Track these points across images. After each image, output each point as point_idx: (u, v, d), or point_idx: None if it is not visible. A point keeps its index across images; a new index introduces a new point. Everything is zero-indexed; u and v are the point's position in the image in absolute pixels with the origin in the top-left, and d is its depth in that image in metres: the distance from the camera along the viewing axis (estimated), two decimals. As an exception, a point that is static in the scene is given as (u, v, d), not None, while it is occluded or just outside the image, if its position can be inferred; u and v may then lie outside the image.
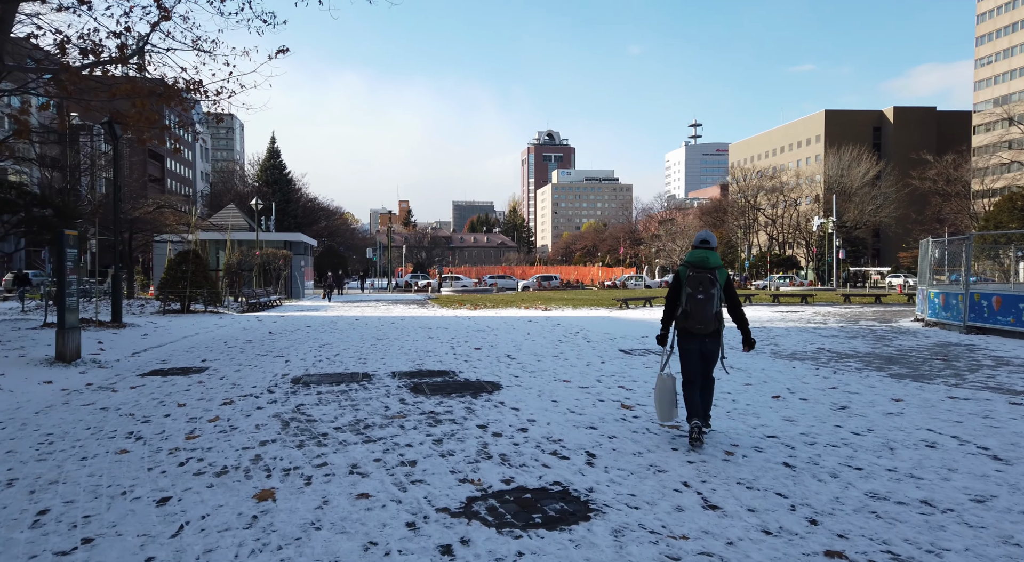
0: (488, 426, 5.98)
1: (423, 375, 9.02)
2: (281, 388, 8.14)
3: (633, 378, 8.68)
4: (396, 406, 6.92)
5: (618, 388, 7.94)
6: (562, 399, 7.23)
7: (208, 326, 17.70)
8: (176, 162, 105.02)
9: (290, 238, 38.55)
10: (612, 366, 9.77)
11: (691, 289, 5.35)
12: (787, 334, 14.26)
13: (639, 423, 6.10)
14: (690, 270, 5.41)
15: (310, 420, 6.33)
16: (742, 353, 10.49)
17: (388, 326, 17.50)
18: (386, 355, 11.27)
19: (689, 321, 5.37)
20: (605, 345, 12.42)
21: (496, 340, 13.53)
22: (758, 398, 7.24)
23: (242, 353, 11.83)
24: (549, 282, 56.39)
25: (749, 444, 5.34)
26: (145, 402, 7.40)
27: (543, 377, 8.80)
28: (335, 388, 8.07)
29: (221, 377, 9.13)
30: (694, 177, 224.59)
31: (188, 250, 23.72)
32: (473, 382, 8.40)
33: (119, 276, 15.92)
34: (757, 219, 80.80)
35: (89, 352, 11.40)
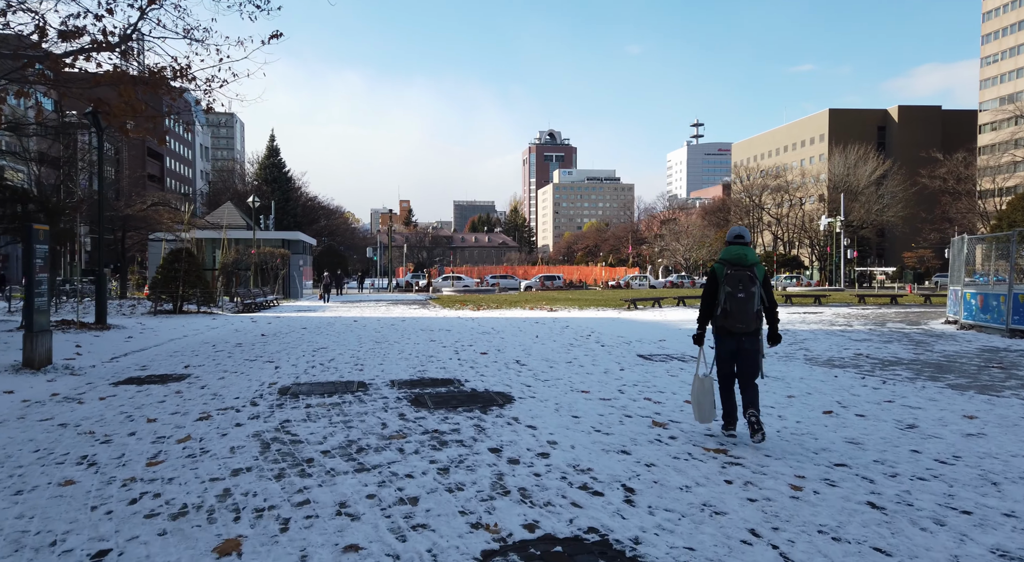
0: (502, 450, 5.10)
1: (425, 384, 8.15)
2: (266, 400, 7.28)
3: (659, 388, 7.81)
4: (395, 423, 6.05)
5: (644, 400, 7.07)
6: (583, 414, 6.36)
7: (199, 328, 16.84)
8: (176, 161, 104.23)
9: (288, 237, 37.70)
10: (633, 374, 8.90)
11: (730, 287, 5.18)
12: (814, 337, 13.39)
13: (678, 446, 5.22)
14: (727, 268, 5.24)
15: (295, 440, 5.46)
16: (779, 363, 9.63)
17: (388, 328, 16.64)
18: (385, 361, 10.41)
19: (729, 320, 5.21)
20: (621, 350, 11.54)
21: (503, 344, 12.65)
22: (807, 414, 6.36)
23: (229, 358, 10.97)
24: (552, 282, 55.49)
25: (816, 474, 4.47)
26: (111, 417, 6.53)
27: (558, 387, 7.93)
28: (327, 400, 7.20)
29: (202, 386, 8.26)
30: (696, 177, 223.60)
31: (181, 248, 22.86)
32: (481, 393, 7.53)
33: (103, 275, 15.06)
34: (762, 218, 79.90)
35: (63, 357, 10.54)
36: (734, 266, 5.23)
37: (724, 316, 5.24)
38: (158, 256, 29.24)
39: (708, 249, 75.94)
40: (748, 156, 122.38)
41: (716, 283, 5.34)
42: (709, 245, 76.21)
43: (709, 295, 5.41)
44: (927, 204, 74.20)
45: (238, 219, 40.68)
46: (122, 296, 31.69)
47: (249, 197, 36.79)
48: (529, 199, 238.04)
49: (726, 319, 5.23)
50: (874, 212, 68.95)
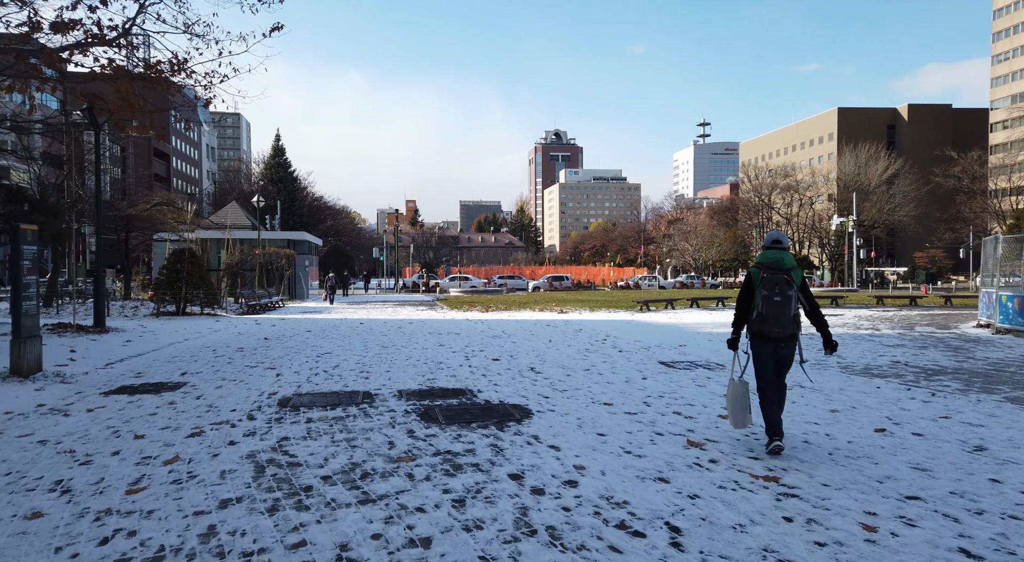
0: (524, 476, 4.55)
1: (435, 395, 7.60)
2: (265, 413, 6.75)
3: (688, 400, 7.23)
4: (403, 442, 5.50)
5: (674, 415, 6.50)
6: (610, 432, 5.80)
7: (201, 330, 16.36)
8: (182, 161, 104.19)
9: (294, 237, 37.26)
10: (657, 383, 8.33)
11: (766, 291, 5.14)
12: (843, 342, 12.78)
13: (721, 471, 4.65)
14: (764, 271, 5.20)
15: (293, 463, 4.92)
16: (813, 371, 9.04)
17: (395, 331, 16.11)
18: (392, 367, 9.87)
19: (765, 325, 5.15)
20: (640, 356, 10.96)
21: (515, 349, 12.10)
22: (857, 432, 5.78)
23: (229, 364, 10.45)
24: (560, 282, 54.89)
25: (888, 510, 3.89)
26: (96, 432, 6.02)
27: (578, 398, 7.37)
28: (329, 414, 6.66)
29: (198, 396, 7.74)
30: (703, 176, 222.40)
31: (184, 249, 22.41)
32: (496, 406, 6.97)
33: (102, 276, 14.59)
34: (771, 218, 79.03)
35: (55, 363, 10.05)
36: (771, 270, 5.18)
37: (760, 320, 5.17)
38: (162, 257, 28.82)
39: (717, 249, 75.16)
40: (756, 155, 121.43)
41: (752, 287, 5.29)
42: (718, 245, 75.43)
43: (744, 299, 5.35)
44: (939, 203, 73.17)
45: (243, 219, 40.26)
46: (126, 297, 31.31)
47: (254, 197, 36.34)
48: (535, 199, 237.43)
49: (762, 323, 5.17)
50: (885, 211, 67.98)
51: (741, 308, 5.38)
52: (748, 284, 5.35)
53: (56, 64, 13.65)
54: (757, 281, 5.22)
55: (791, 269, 5.19)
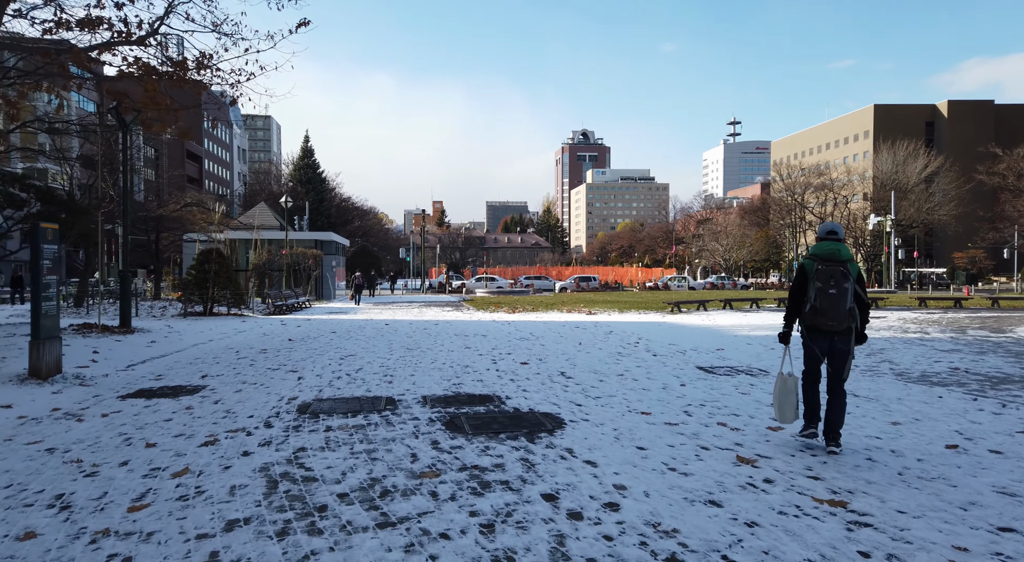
0: (559, 497, 4.11)
1: (461, 402, 7.21)
2: (283, 420, 6.42)
3: (732, 409, 6.73)
4: (427, 454, 5.11)
5: (718, 426, 6.01)
6: (650, 445, 5.34)
7: (226, 331, 16.24)
8: (214, 163, 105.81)
9: (321, 237, 37.32)
10: (697, 391, 7.82)
11: (821, 283, 5.04)
12: (892, 347, 12.08)
13: (779, 494, 4.17)
14: (819, 263, 5.10)
15: (308, 478, 4.55)
16: (865, 378, 8.46)
17: (420, 332, 15.79)
18: (416, 371, 9.51)
19: (819, 318, 5.06)
20: (676, 360, 10.44)
21: (544, 352, 11.66)
22: (926, 448, 5.23)
23: (251, 366, 10.20)
24: (588, 283, 54.27)
25: (981, 545, 3.37)
26: (108, 440, 5.74)
27: (613, 407, 6.91)
28: (350, 421, 6.31)
29: (216, 401, 7.47)
30: (733, 176, 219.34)
31: (211, 249, 22.42)
32: (526, 414, 6.55)
33: (128, 276, 14.53)
34: (804, 218, 77.32)
35: (76, 365, 9.89)
36: (826, 262, 5.08)
37: (814, 313, 5.08)
38: (192, 257, 29.02)
39: (749, 249, 73.75)
40: (788, 154, 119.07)
41: (805, 279, 5.18)
42: (750, 245, 74.01)
43: (797, 292, 5.25)
44: (981, 202, 70.79)
45: (271, 220, 40.48)
46: (156, 297, 31.61)
47: (283, 198, 36.47)
48: (562, 199, 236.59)
49: (816, 316, 5.07)
50: (924, 211, 65.97)
51: (794, 301, 5.26)
52: (801, 276, 5.23)
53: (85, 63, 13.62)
54: (811, 273, 5.11)
55: (847, 261, 5.05)
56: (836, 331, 5.08)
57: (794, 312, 5.32)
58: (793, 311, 5.31)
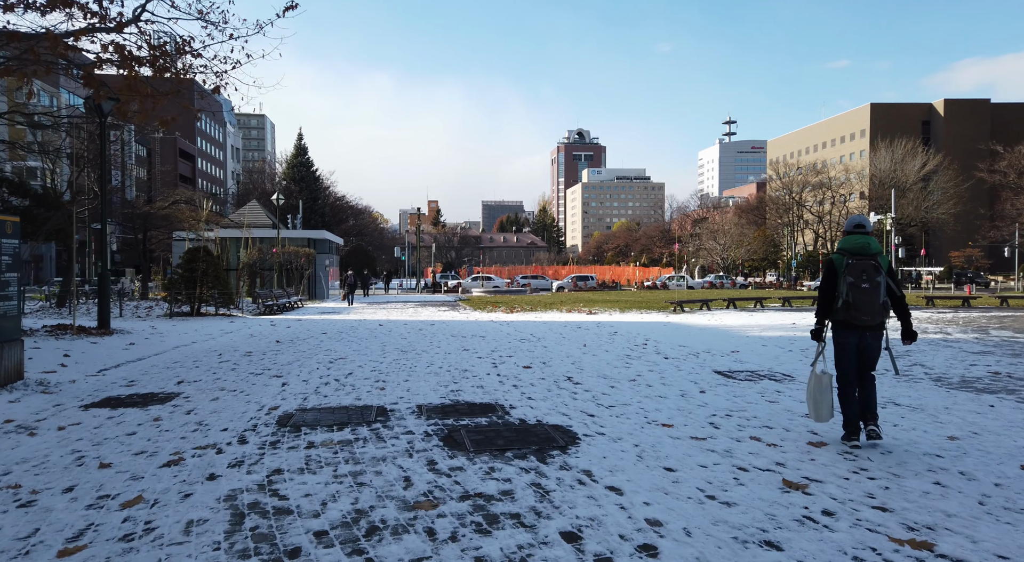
0: (582, 537, 3.41)
1: (460, 412, 6.50)
2: (260, 434, 5.70)
3: (763, 421, 6.03)
4: (422, 478, 4.40)
5: (752, 441, 5.32)
6: (680, 466, 4.64)
7: (212, 332, 15.50)
8: (207, 162, 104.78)
9: (314, 236, 36.50)
10: (718, 398, 7.13)
11: (853, 278, 4.96)
12: (918, 349, 11.40)
13: (846, 530, 3.47)
14: (848, 258, 5.02)
15: (281, 510, 3.84)
16: (902, 383, 7.78)
17: (415, 334, 15.07)
18: (411, 376, 8.80)
19: (851, 313, 4.98)
20: (690, 364, 9.75)
21: (548, 355, 10.96)
22: (998, 469, 4.54)
23: (233, 370, 9.47)
24: (585, 282, 53.58)
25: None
26: (57, 459, 5.01)
27: (630, 418, 6.21)
28: (335, 436, 5.59)
29: (189, 411, 6.74)
30: (728, 175, 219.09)
31: (198, 247, 21.64)
32: (533, 427, 5.84)
33: (107, 274, 13.76)
34: (802, 216, 76.84)
35: (42, 369, 9.14)
36: (856, 256, 5.00)
37: (846, 309, 4.99)
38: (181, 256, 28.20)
39: (747, 248, 73.22)
40: (784, 153, 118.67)
41: (835, 274, 5.11)
42: (747, 244, 73.48)
43: (828, 287, 5.16)
44: (979, 201, 70.47)
45: (263, 218, 39.65)
46: (143, 297, 30.78)
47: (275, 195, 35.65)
48: (558, 199, 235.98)
49: (848, 312, 4.99)
50: (923, 209, 65.55)
51: (825, 297, 5.17)
52: (831, 272, 5.14)
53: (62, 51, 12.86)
54: (841, 268, 5.03)
55: (877, 254, 4.98)
56: (869, 326, 4.99)
57: (825, 308, 5.20)
58: (824, 307, 5.20)
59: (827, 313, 5.21)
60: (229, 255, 30.16)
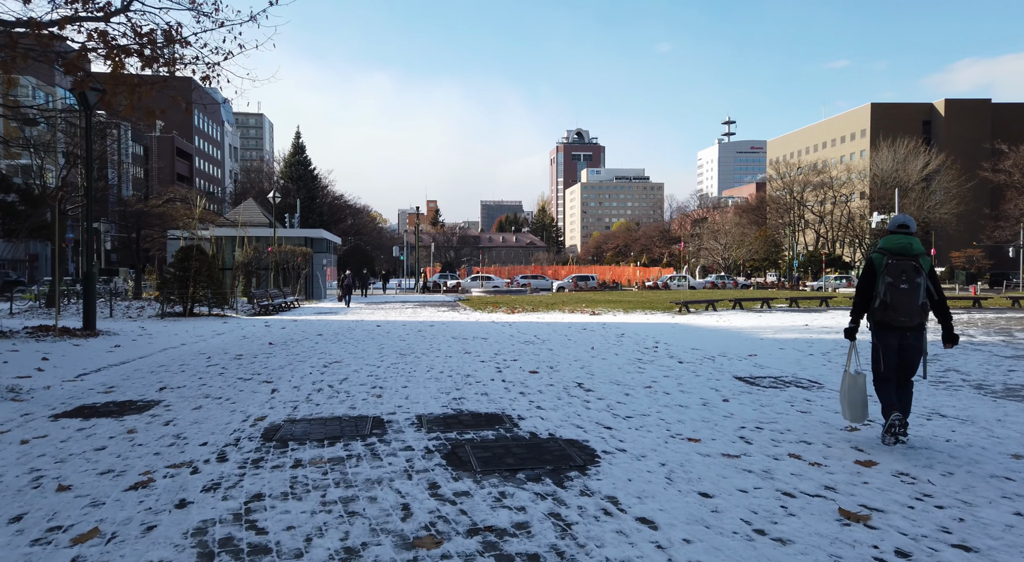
0: (616, 586, 2.84)
1: (464, 424, 5.93)
2: (242, 450, 5.13)
3: (798, 434, 5.47)
4: (423, 506, 3.83)
5: (791, 459, 4.75)
6: (716, 491, 4.08)
7: (203, 333, 14.93)
8: (205, 161, 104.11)
9: (311, 234, 35.93)
10: (744, 408, 6.57)
11: (892, 278, 4.91)
12: (946, 352, 10.86)
13: (929, 578, 2.91)
14: (889, 257, 4.98)
15: (258, 548, 3.27)
16: (941, 391, 7.23)
17: (414, 335, 14.51)
18: (410, 382, 8.23)
19: (889, 313, 4.92)
20: (707, 369, 9.18)
21: (554, 358, 10.39)
22: (1081, 495, 3.99)
23: (221, 375, 8.90)
24: (586, 282, 53.02)
25: None
26: (12, 479, 4.45)
27: (651, 430, 5.64)
28: (325, 452, 5.02)
29: (168, 421, 6.17)
30: (727, 175, 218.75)
31: (192, 245, 21.06)
32: (545, 442, 5.28)
33: (92, 274, 13.19)
34: (803, 216, 76.32)
35: (16, 375, 8.57)
36: (897, 256, 4.95)
37: (883, 309, 4.94)
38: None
39: (748, 248, 72.69)
40: (784, 153, 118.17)
41: (874, 274, 5.06)
42: (749, 244, 72.96)
43: (865, 287, 5.12)
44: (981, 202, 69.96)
45: (260, 217, 39.07)
46: (137, 297, 30.19)
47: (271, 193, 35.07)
48: (556, 199, 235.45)
49: (886, 312, 4.93)
50: (926, 209, 65.02)
51: (861, 296, 5.14)
52: (870, 271, 5.09)
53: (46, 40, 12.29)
54: (880, 267, 4.98)
55: (919, 255, 4.92)
56: (908, 327, 4.92)
57: (861, 308, 5.14)
58: (860, 307, 5.14)
59: (862, 312, 5.15)
60: (225, 254, 29.58)
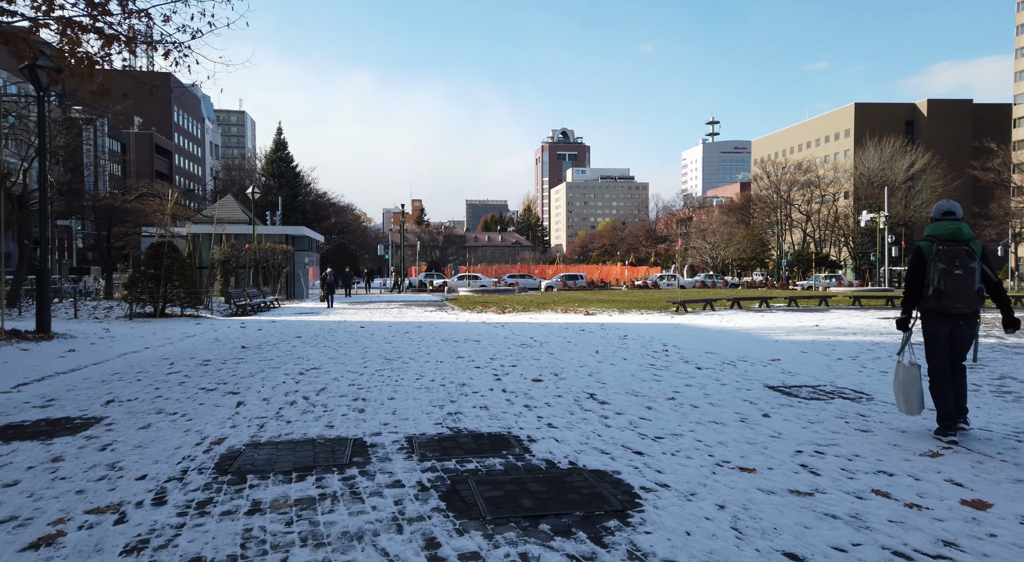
0: None
1: (464, 448, 4.92)
2: (189, 485, 4.09)
3: (873, 463, 4.51)
4: (420, 579, 2.82)
5: (881, 498, 3.80)
6: (806, 550, 3.10)
7: (172, 336, 13.79)
8: (185, 158, 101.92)
9: (292, 232, 34.69)
10: (790, 425, 5.61)
11: (944, 264, 4.76)
12: (989, 357, 9.93)
13: None
14: (939, 244, 4.84)
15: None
16: (1011, 404, 6.34)
17: (400, 337, 13.46)
18: (397, 392, 7.21)
19: (943, 300, 4.76)
20: (731, 376, 8.23)
21: (556, 363, 9.40)
22: None
23: (181, 385, 7.81)
24: (575, 282, 52.12)
25: None
26: None
27: (691, 457, 4.66)
28: (292, 491, 3.99)
29: (105, 445, 5.11)
30: (712, 175, 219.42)
31: (163, 242, 19.82)
32: (567, 474, 4.27)
33: (47, 272, 12.01)
34: (790, 215, 76.05)
35: (-61, 386, 7.43)
36: (946, 242, 4.84)
37: (937, 296, 4.80)
38: (147, 252, 26.23)
39: (736, 247, 72.26)
40: (769, 153, 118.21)
41: (924, 262, 4.95)
42: (736, 244, 72.54)
43: (915, 275, 5.01)
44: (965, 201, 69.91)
45: (239, 214, 37.72)
46: (107, 296, 28.80)
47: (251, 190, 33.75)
48: (542, 198, 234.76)
49: (939, 299, 4.80)
50: (912, 208, 64.96)
51: (912, 285, 5.01)
52: (919, 259, 4.97)
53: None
54: (930, 255, 4.86)
55: (970, 240, 4.83)
56: (963, 314, 4.80)
57: (913, 297, 5.03)
58: (912, 296, 5.03)
59: (914, 302, 5.04)
60: (202, 252, 28.29)
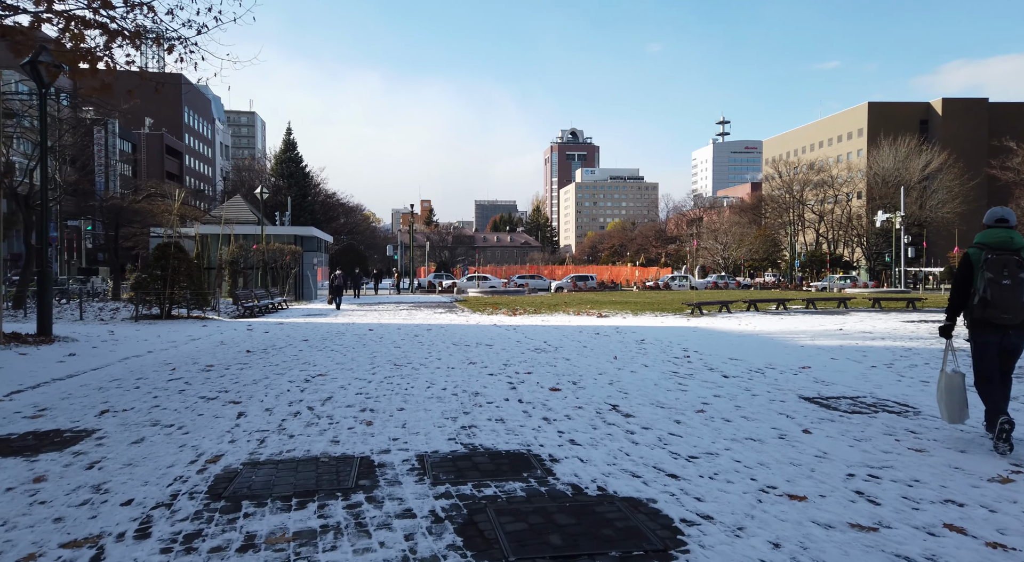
0: None
1: (481, 470, 4.49)
2: (179, 512, 3.69)
3: (936, 489, 4.05)
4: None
5: (955, 534, 3.35)
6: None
7: (177, 339, 13.46)
8: (195, 159, 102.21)
9: (301, 232, 34.40)
10: (835, 443, 5.15)
11: (992, 273, 4.66)
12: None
13: None
14: (988, 252, 4.73)
15: None
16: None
17: (410, 341, 13.06)
18: (407, 402, 6.80)
19: (990, 310, 4.66)
20: (761, 385, 7.76)
21: (573, 370, 8.96)
22: None
23: (181, 393, 7.44)
24: (585, 282, 51.62)
25: None
26: None
27: (732, 480, 4.22)
28: (290, 522, 3.57)
29: (93, 463, 4.73)
30: (722, 175, 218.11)
31: (169, 242, 19.55)
32: (596, 503, 3.83)
33: (47, 273, 11.69)
34: (803, 215, 75.21)
35: (-73, 394, 7.09)
36: (997, 250, 4.71)
37: (983, 306, 4.68)
38: (155, 253, 26.02)
39: (748, 248, 71.51)
40: (780, 153, 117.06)
41: (971, 270, 4.85)
42: (748, 244, 71.79)
43: (962, 283, 4.91)
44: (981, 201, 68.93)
45: (248, 214, 37.51)
46: (115, 297, 28.62)
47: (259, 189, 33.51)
48: (551, 198, 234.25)
49: (986, 309, 4.67)
50: (928, 208, 64.03)
51: (958, 293, 4.97)
52: (967, 266, 4.90)
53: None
54: (979, 263, 4.78)
55: (1022, 249, 4.70)
56: (1010, 325, 4.69)
57: (958, 305, 4.99)
58: (957, 304, 4.99)
59: (959, 310, 4.98)
60: (210, 253, 28.06)
